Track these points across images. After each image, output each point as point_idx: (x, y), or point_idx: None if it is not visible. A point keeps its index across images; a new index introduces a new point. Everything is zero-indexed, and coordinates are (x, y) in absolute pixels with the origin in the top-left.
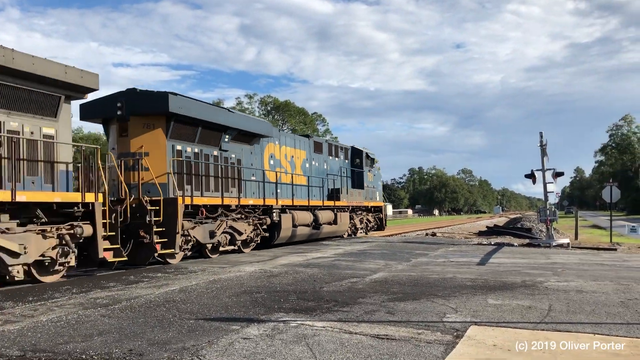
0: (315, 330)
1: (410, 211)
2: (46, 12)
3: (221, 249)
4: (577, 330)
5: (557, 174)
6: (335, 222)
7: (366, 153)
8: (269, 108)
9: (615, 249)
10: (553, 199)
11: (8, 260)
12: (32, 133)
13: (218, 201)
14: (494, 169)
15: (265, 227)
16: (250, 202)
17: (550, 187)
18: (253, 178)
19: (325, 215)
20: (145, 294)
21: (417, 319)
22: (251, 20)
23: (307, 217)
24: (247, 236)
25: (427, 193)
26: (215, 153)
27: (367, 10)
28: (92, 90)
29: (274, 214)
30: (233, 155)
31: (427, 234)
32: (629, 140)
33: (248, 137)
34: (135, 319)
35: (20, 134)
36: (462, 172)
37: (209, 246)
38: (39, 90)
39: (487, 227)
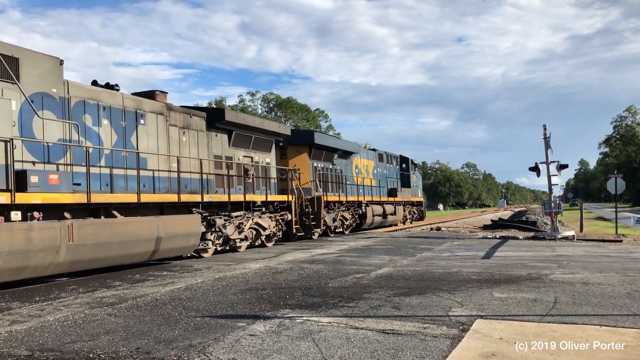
0: (321, 326)
1: None
2: (45, 13)
3: (337, 230)
4: (584, 322)
5: (562, 167)
6: (394, 213)
7: (411, 160)
8: (271, 105)
9: (621, 241)
10: (557, 192)
11: (261, 231)
12: (261, 162)
13: (336, 199)
14: (497, 163)
15: (357, 216)
16: (352, 198)
17: (554, 180)
18: (349, 182)
19: (389, 208)
20: (151, 292)
21: (423, 314)
22: (251, 17)
23: (379, 209)
24: (349, 222)
25: (432, 187)
26: (330, 167)
27: (367, 5)
28: (287, 135)
29: (363, 207)
30: (338, 168)
31: (431, 229)
32: (633, 131)
33: (346, 154)
34: (141, 318)
35: (259, 163)
36: (466, 166)
37: (332, 227)
38: (265, 138)
39: (491, 220)
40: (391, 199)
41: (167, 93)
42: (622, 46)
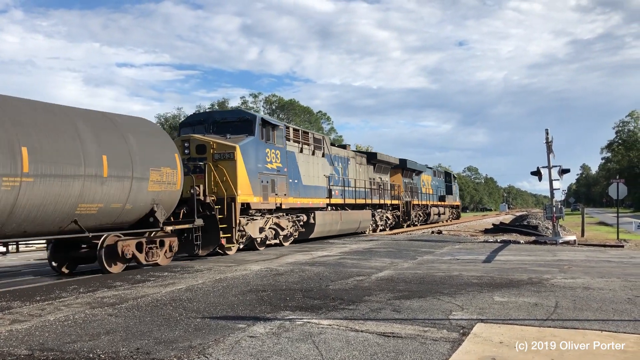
0: (322, 329)
1: None
2: (48, 13)
3: (416, 223)
4: (584, 327)
5: (563, 171)
6: (444, 213)
7: (452, 174)
8: (273, 107)
9: (622, 246)
10: (559, 196)
11: (387, 221)
12: (384, 180)
13: (417, 202)
14: (499, 166)
15: (426, 214)
16: (422, 203)
17: (556, 184)
18: (420, 192)
19: (440, 210)
20: (151, 292)
21: (423, 317)
22: (252, 20)
23: (435, 210)
24: (423, 218)
25: None
26: (412, 181)
27: (368, 8)
28: (396, 164)
29: (429, 208)
30: (415, 182)
31: (432, 232)
32: (635, 136)
33: (419, 173)
34: (142, 318)
35: (382, 181)
36: (468, 169)
37: (415, 221)
38: (385, 166)
39: (493, 224)
40: (441, 203)
41: (349, 145)
42: (623, 51)
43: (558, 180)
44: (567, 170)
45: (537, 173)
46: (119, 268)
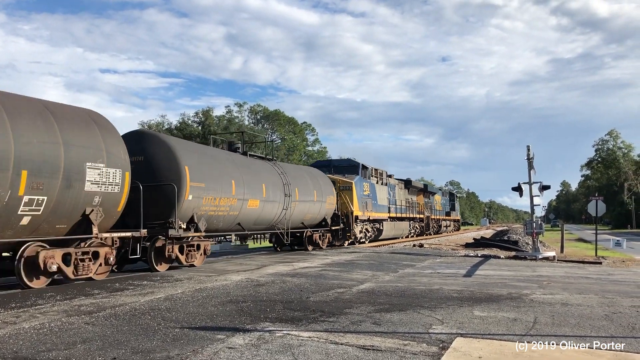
0: (301, 341)
1: None
2: (30, 17)
3: (432, 231)
4: (562, 342)
5: (544, 187)
6: (450, 225)
7: (455, 194)
8: (258, 117)
9: (600, 263)
10: (539, 212)
11: (414, 230)
12: (413, 200)
13: (434, 217)
14: (480, 182)
15: (438, 226)
16: (437, 217)
17: (536, 201)
18: (434, 209)
19: (448, 222)
20: (130, 301)
21: (403, 330)
22: (237, 29)
23: (445, 223)
24: (436, 229)
25: None
26: (428, 201)
27: (353, 21)
28: (422, 188)
29: (440, 222)
30: (430, 201)
31: (414, 245)
32: (614, 155)
33: (433, 194)
34: (119, 327)
35: (413, 200)
36: (450, 184)
37: (431, 231)
38: (415, 190)
39: (474, 239)
40: (447, 217)
41: (393, 174)
42: (603, 71)
43: (538, 196)
44: (547, 187)
45: (518, 189)
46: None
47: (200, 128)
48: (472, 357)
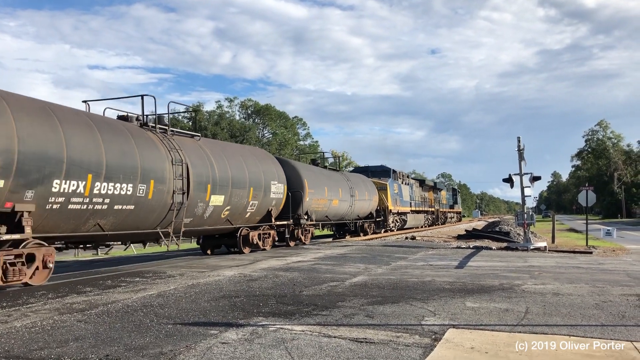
0: (294, 334)
1: None
2: (15, 14)
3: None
4: (554, 332)
5: (535, 178)
6: (453, 217)
7: (457, 190)
8: (249, 112)
9: (591, 252)
10: (530, 203)
11: (425, 221)
12: (425, 195)
13: (442, 210)
14: (471, 173)
15: (444, 217)
16: (443, 210)
17: (527, 192)
18: (442, 202)
19: (451, 214)
20: (122, 298)
21: (396, 322)
22: (226, 24)
23: (450, 215)
24: (442, 220)
25: None
26: (437, 196)
27: (342, 15)
28: (432, 186)
29: (446, 214)
30: (438, 196)
31: (406, 238)
32: (604, 145)
33: (440, 190)
34: (112, 324)
35: (425, 196)
36: (442, 176)
37: (441, 221)
38: (427, 186)
39: (466, 230)
40: (451, 210)
41: (410, 173)
42: (591, 62)
43: (529, 187)
44: (538, 178)
45: (509, 180)
46: None
47: (190, 124)
48: (465, 348)
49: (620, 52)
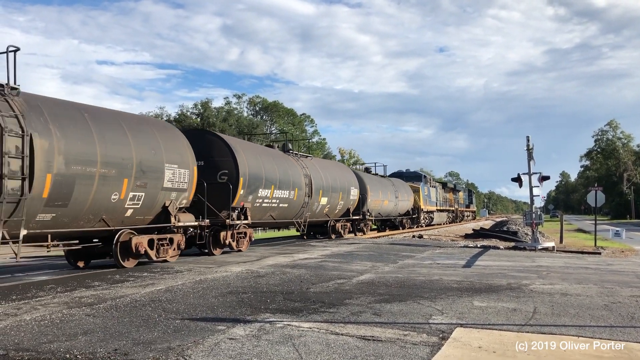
0: (302, 331)
1: None
2: (24, 9)
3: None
4: (562, 332)
5: (543, 178)
6: (469, 215)
7: (472, 191)
8: (257, 108)
9: (600, 253)
10: (539, 203)
11: (447, 219)
12: (447, 196)
13: (460, 209)
14: (478, 172)
15: (462, 215)
16: (461, 209)
17: (536, 191)
18: (459, 202)
19: (467, 213)
20: (130, 293)
21: (403, 321)
22: (233, 20)
23: (467, 213)
24: (460, 218)
25: None
26: (455, 197)
27: (349, 12)
28: (453, 187)
29: (463, 212)
30: (457, 197)
31: (413, 236)
32: (614, 145)
33: (458, 191)
34: (120, 319)
35: (447, 197)
36: (450, 174)
37: (459, 219)
38: (447, 188)
39: (473, 229)
40: (467, 209)
41: (434, 176)
42: (600, 61)
43: (538, 187)
44: (547, 178)
45: (517, 179)
46: None
47: (199, 120)
48: (472, 347)
49: (629, 51)
